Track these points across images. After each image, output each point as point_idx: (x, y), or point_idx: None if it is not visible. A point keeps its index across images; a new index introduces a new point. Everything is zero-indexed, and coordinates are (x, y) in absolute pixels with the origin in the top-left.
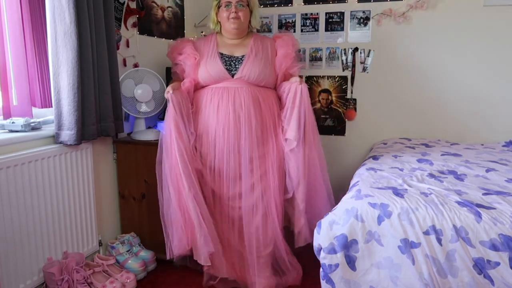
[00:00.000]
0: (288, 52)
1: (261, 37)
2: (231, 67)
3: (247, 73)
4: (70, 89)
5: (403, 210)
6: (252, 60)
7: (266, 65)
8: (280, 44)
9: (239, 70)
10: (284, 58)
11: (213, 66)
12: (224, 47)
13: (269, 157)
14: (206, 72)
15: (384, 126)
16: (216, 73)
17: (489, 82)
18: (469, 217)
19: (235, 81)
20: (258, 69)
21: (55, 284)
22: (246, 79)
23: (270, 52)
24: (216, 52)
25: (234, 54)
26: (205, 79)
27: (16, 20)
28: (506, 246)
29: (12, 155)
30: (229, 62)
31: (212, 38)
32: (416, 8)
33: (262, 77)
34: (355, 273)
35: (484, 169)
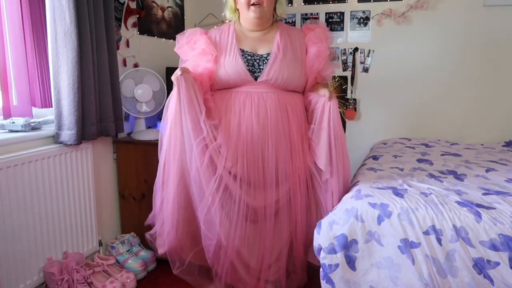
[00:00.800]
0: (322, 50)
1: (288, 29)
2: (254, 68)
3: (274, 76)
4: (70, 89)
5: (403, 210)
6: (280, 61)
7: (295, 66)
8: (312, 40)
9: (264, 72)
10: (316, 58)
11: (233, 66)
12: (245, 42)
13: (297, 177)
14: (224, 72)
15: (384, 126)
16: (237, 74)
17: (489, 82)
18: (469, 217)
19: (259, 85)
20: (287, 72)
21: (55, 284)
22: (273, 82)
23: (300, 49)
24: (236, 49)
25: (258, 52)
26: (222, 80)
27: (16, 20)
28: (506, 246)
29: (12, 155)
30: (251, 61)
31: (230, 29)
32: (416, 8)
33: (290, 80)
34: (355, 273)
35: (484, 169)
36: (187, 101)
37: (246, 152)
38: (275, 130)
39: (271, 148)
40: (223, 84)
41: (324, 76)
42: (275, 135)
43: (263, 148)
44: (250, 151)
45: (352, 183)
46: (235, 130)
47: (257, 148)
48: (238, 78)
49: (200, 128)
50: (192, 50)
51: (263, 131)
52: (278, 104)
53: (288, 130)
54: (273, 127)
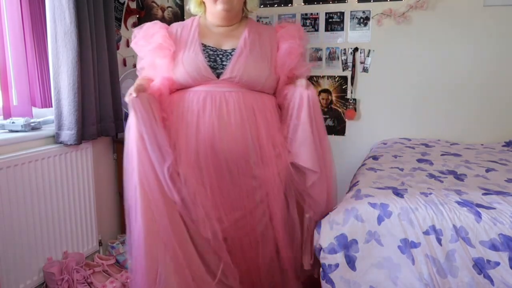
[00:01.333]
0: (294, 46)
1: (259, 26)
2: (216, 64)
3: (238, 73)
4: (70, 89)
5: (403, 210)
6: (245, 56)
7: (263, 63)
8: (284, 36)
9: (228, 69)
10: (288, 55)
11: (192, 61)
12: (208, 37)
13: (267, 187)
14: (182, 69)
15: (384, 126)
16: (196, 71)
17: (489, 82)
18: (469, 217)
19: (221, 84)
20: (253, 68)
21: (55, 284)
22: (237, 81)
23: (270, 46)
24: (197, 43)
25: (222, 47)
26: (181, 78)
27: (16, 20)
28: (506, 246)
29: (12, 155)
30: (214, 57)
31: (194, 23)
32: (416, 8)
33: (257, 79)
34: (355, 273)
35: (484, 169)
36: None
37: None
38: (240, 134)
39: (236, 155)
40: (182, 83)
41: (298, 75)
42: (240, 140)
43: (226, 157)
44: (211, 161)
45: (352, 183)
46: (192, 137)
47: (218, 156)
48: (198, 75)
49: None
50: (148, 45)
51: (225, 135)
52: (244, 105)
53: (257, 134)
54: (238, 131)
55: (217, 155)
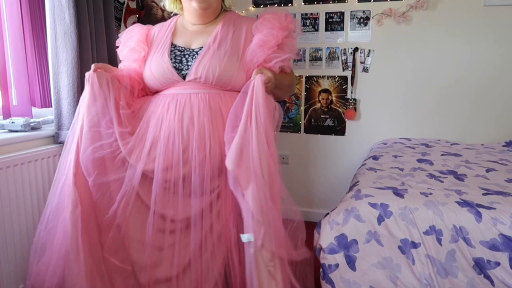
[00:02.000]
0: (267, 38)
1: (238, 18)
2: (181, 65)
3: (203, 73)
4: (70, 89)
5: (403, 210)
6: (211, 54)
7: (232, 60)
8: (259, 28)
9: (192, 69)
10: (259, 48)
11: (158, 64)
12: (181, 36)
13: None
14: (149, 72)
15: (384, 126)
16: (161, 74)
17: (489, 82)
18: (469, 217)
19: (187, 85)
20: (219, 67)
21: None
22: (203, 81)
23: (244, 40)
24: (167, 44)
25: (191, 46)
26: (149, 82)
27: (16, 20)
28: (506, 246)
29: (12, 155)
30: (180, 57)
31: (172, 22)
32: (416, 8)
33: (225, 78)
34: (355, 273)
35: (484, 169)
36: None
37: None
38: (201, 139)
39: (197, 163)
40: (151, 86)
41: (270, 67)
42: (201, 146)
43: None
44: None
45: (352, 183)
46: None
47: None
48: (164, 78)
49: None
50: (124, 48)
51: (186, 139)
52: (209, 108)
53: (219, 138)
54: (199, 136)
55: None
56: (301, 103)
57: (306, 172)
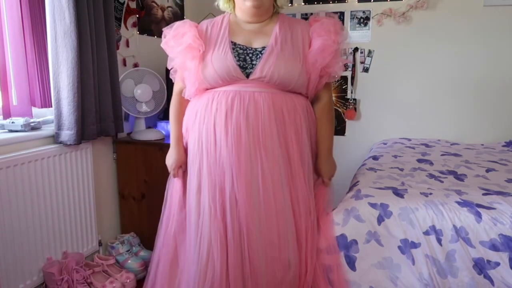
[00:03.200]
0: (328, 43)
1: (290, 20)
2: (245, 63)
3: (269, 72)
4: (70, 89)
5: (403, 210)
6: (276, 55)
7: (295, 61)
8: (317, 31)
9: (257, 68)
10: (321, 52)
11: (222, 61)
12: (238, 35)
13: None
14: (211, 68)
15: (384, 126)
16: (225, 70)
17: (489, 82)
18: (469, 217)
19: (251, 83)
20: (284, 68)
21: (55, 284)
22: (267, 80)
23: (302, 43)
24: (226, 41)
25: (252, 45)
26: (210, 78)
27: (16, 20)
28: (506, 246)
29: (12, 155)
30: (243, 56)
31: (224, 20)
32: (416, 8)
33: (289, 78)
34: (355, 273)
35: (484, 169)
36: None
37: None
38: (269, 138)
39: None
40: (211, 83)
41: (330, 73)
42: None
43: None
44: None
45: (352, 183)
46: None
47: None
48: (227, 74)
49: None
50: (179, 45)
51: (253, 139)
52: (273, 107)
53: (285, 140)
54: (267, 135)
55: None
56: None
57: None
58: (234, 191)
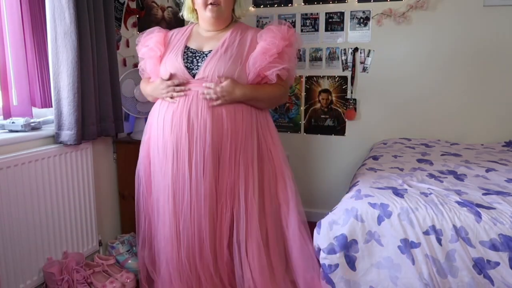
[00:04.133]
0: (269, 47)
1: (245, 28)
2: (192, 65)
3: (210, 72)
4: (70, 89)
5: (403, 210)
6: (218, 57)
7: (235, 63)
8: (263, 36)
9: (201, 69)
10: (261, 55)
11: (172, 62)
12: (195, 40)
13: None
14: (164, 70)
15: (384, 126)
16: (175, 70)
17: (489, 82)
18: (469, 217)
19: (196, 83)
20: (223, 68)
21: (55, 284)
22: (210, 80)
23: (248, 46)
24: (182, 46)
25: (202, 49)
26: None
27: (16, 20)
28: (506, 246)
29: (12, 155)
30: (191, 58)
31: (188, 28)
32: (416, 8)
33: (227, 78)
34: (355, 273)
35: (484, 169)
36: None
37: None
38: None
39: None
40: None
41: (267, 75)
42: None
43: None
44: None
45: (352, 183)
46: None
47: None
48: (176, 75)
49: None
50: (143, 47)
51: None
52: (211, 106)
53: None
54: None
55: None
56: (301, 103)
57: (306, 172)
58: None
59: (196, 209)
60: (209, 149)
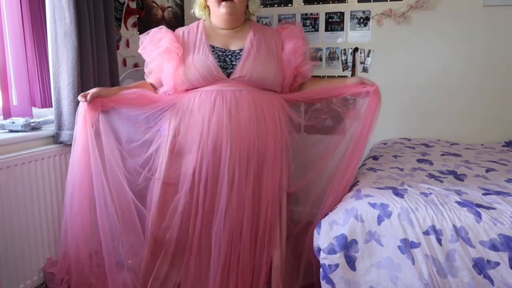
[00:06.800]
0: (298, 45)
1: (261, 27)
2: (226, 64)
3: (248, 72)
4: (70, 89)
5: (403, 210)
6: (253, 56)
7: (270, 61)
8: (287, 37)
9: (237, 68)
10: (293, 54)
11: (203, 62)
12: (215, 39)
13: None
14: (194, 70)
15: (384, 126)
16: (207, 71)
17: (489, 82)
18: (469, 217)
19: (231, 83)
20: (261, 67)
21: (55, 284)
22: (247, 79)
23: (276, 46)
24: (205, 45)
25: (230, 48)
26: (192, 79)
27: (16, 20)
28: (506, 246)
29: (12, 155)
30: (223, 57)
31: (199, 27)
32: (416, 8)
33: (266, 77)
34: (355, 273)
35: (484, 169)
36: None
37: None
38: (250, 134)
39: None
40: (193, 83)
41: (302, 72)
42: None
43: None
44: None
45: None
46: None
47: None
48: (209, 75)
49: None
50: (156, 49)
51: (234, 130)
52: (253, 104)
53: (265, 136)
54: (247, 131)
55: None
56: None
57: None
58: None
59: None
60: (253, 152)
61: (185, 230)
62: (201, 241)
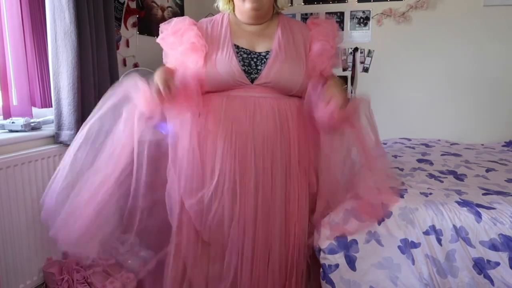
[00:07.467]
0: (326, 48)
1: (290, 22)
2: (250, 68)
3: (274, 78)
4: (70, 89)
5: (403, 210)
6: (281, 60)
7: (298, 66)
8: (317, 36)
9: (263, 73)
10: (319, 57)
11: (226, 65)
12: (240, 37)
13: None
14: (215, 72)
15: (384, 126)
16: (230, 75)
17: (489, 82)
18: (469, 217)
19: (255, 89)
20: (288, 73)
21: (55, 284)
22: (272, 86)
23: (304, 46)
24: (229, 44)
25: (255, 49)
26: (212, 82)
27: (16, 20)
28: (506, 246)
29: (12, 155)
30: (248, 60)
31: (224, 20)
32: (416, 8)
33: (293, 84)
34: (355, 273)
35: (484, 169)
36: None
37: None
38: (272, 147)
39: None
40: (213, 86)
41: (321, 72)
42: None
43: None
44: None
45: None
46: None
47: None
48: (232, 79)
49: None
50: (180, 44)
51: (261, 147)
52: (278, 113)
53: (288, 146)
54: (270, 141)
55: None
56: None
57: None
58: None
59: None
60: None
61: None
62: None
